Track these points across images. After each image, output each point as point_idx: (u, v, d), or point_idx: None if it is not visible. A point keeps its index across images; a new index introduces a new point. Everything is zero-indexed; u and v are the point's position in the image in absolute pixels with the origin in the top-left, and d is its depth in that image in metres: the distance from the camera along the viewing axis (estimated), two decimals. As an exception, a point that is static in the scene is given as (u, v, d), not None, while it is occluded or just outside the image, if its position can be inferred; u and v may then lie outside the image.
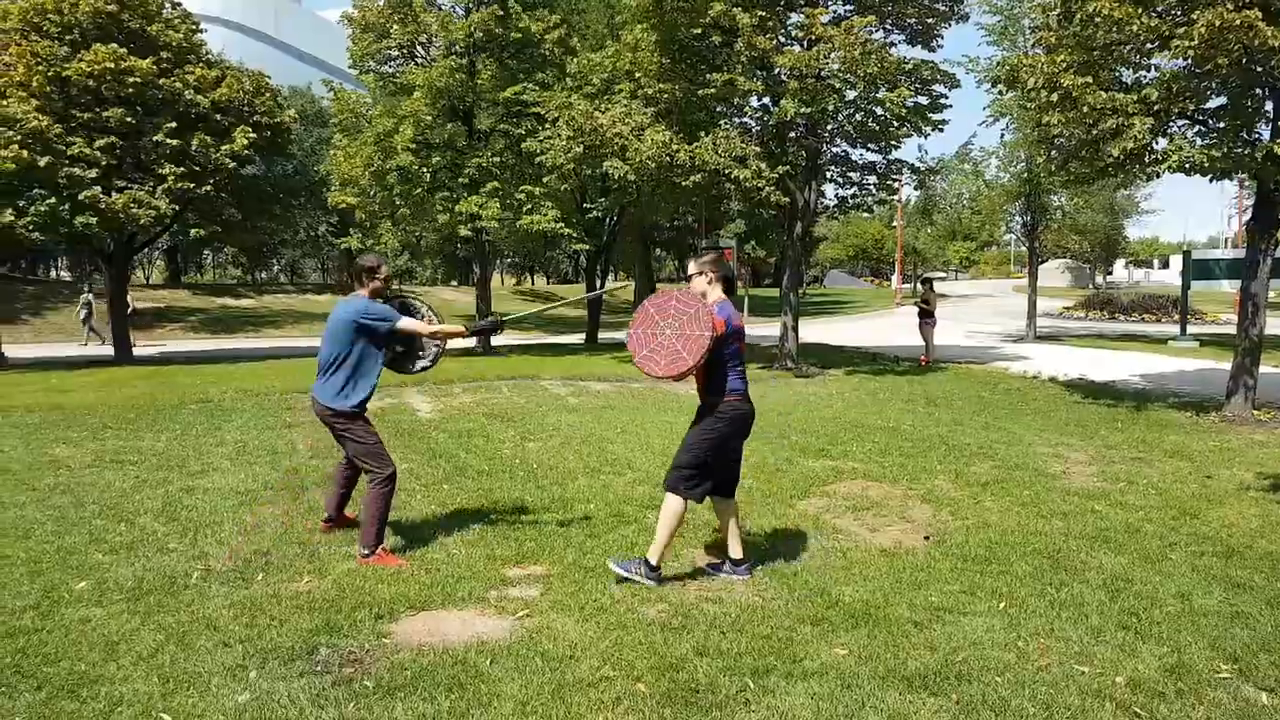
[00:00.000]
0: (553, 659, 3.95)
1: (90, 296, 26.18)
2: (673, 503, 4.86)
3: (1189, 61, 9.89)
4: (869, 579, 4.99)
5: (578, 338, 26.74)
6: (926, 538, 5.80)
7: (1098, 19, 9.74)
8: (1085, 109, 10.16)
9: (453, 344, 6.08)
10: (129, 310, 25.42)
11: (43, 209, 17.58)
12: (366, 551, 5.31)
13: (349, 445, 5.61)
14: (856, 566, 5.20)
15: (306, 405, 11.92)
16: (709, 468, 4.94)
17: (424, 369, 6.08)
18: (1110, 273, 69.99)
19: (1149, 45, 10.20)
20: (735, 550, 5.12)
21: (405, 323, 5.54)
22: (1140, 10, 9.52)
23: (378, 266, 5.62)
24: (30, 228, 17.92)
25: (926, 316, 17.67)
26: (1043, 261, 41.40)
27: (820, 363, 17.28)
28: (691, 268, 5.15)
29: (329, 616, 4.42)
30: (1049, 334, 25.89)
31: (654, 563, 4.89)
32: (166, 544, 5.69)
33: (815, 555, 5.45)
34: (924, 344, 17.67)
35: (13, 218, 17.59)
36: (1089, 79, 10.22)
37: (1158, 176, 11.16)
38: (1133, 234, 65.76)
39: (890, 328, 29.49)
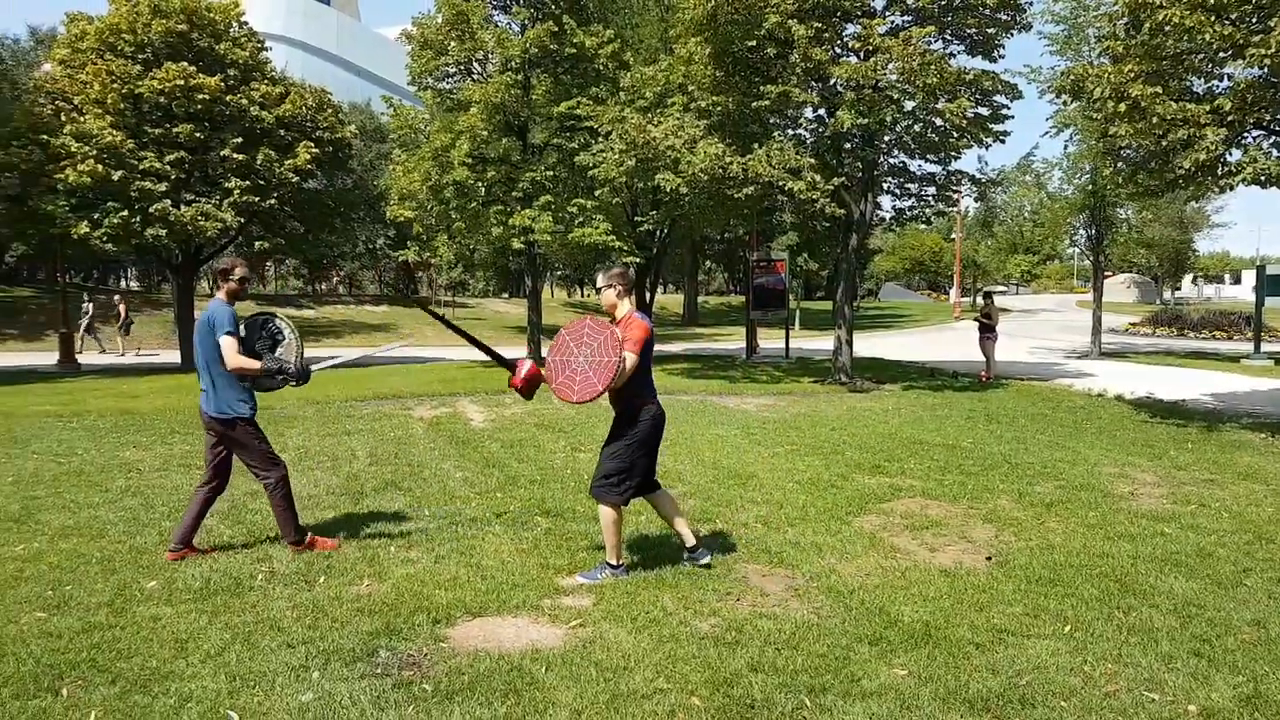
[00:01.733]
0: (607, 669, 3.94)
1: (90, 306, 27.18)
2: (608, 513, 5.14)
3: (1265, 71, 9.63)
4: (929, 599, 4.90)
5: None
6: (988, 558, 5.69)
7: (1168, 28, 9.52)
8: (1154, 119, 9.94)
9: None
10: (123, 319, 26.29)
11: (115, 221, 18.20)
12: (294, 540, 5.57)
13: (239, 453, 5.57)
14: (916, 586, 5.12)
15: (366, 414, 12.17)
16: (635, 471, 5.19)
17: (277, 386, 5.65)
18: (1179, 288, 68.35)
19: (1222, 54, 9.96)
20: (687, 539, 5.39)
21: (223, 341, 5.34)
22: (1213, 19, 9.30)
23: (230, 269, 5.54)
24: (104, 239, 18.54)
25: (987, 331, 17.39)
26: (1108, 276, 40.51)
27: (875, 377, 17.08)
28: (600, 280, 5.33)
29: (388, 619, 4.48)
30: (1114, 351, 25.30)
31: (615, 562, 5.20)
32: (232, 546, 5.82)
33: (872, 574, 5.37)
34: (984, 359, 17.38)
35: (87, 229, 18.22)
36: (1158, 89, 10.00)
37: (1230, 189, 10.88)
38: (1203, 248, 64.37)
39: (948, 342, 29.08)
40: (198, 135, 18.80)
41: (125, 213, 18.24)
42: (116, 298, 27.64)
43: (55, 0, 29.15)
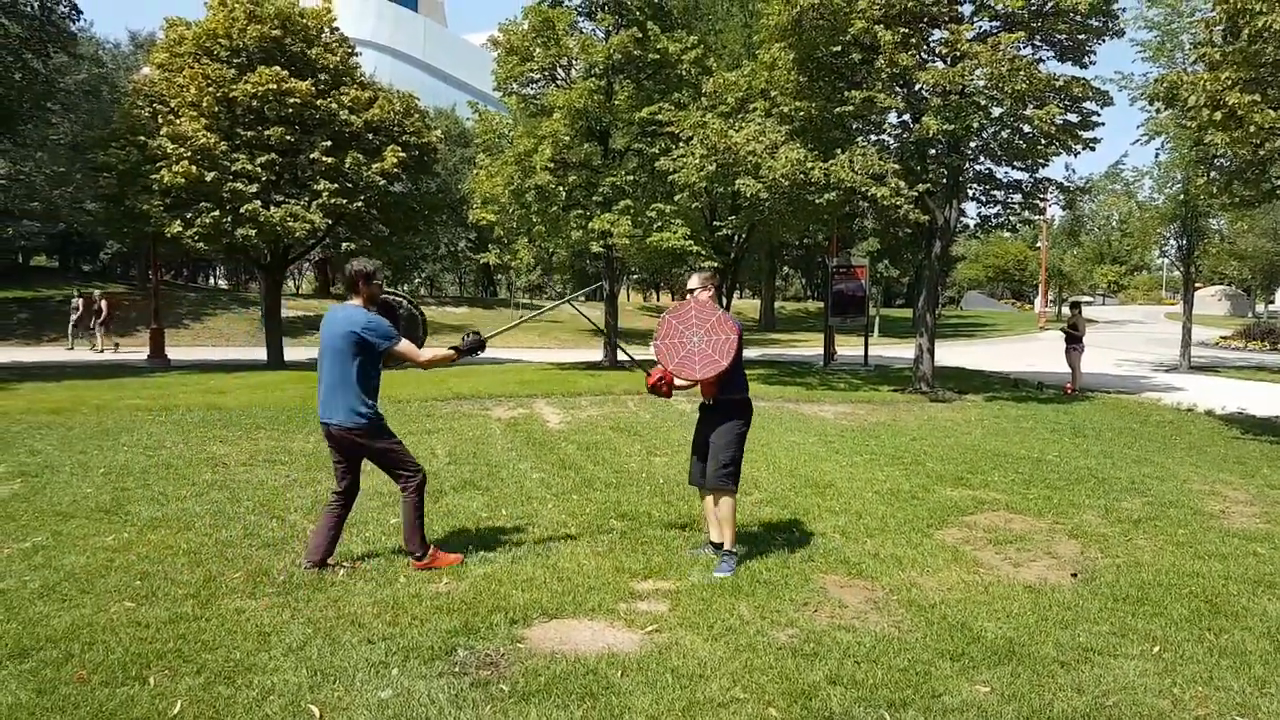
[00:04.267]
0: (683, 676, 3.94)
1: (79, 301, 27.34)
2: (729, 502, 5.50)
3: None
4: (1012, 615, 4.79)
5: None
6: (1074, 575, 5.53)
7: (1267, 34, 9.18)
8: (1252, 128, 9.59)
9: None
10: (98, 312, 25.91)
11: (207, 221, 18.83)
12: (419, 554, 5.38)
13: (378, 459, 5.40)
14: (999, 601, 5.00)
15: (445, 413, 12.38)
16: (741, 458, 5.58)
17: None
18: (1272, 301, 65.55)
19: (1326, 61, 9.56)
20: (719, 535, 5.60)
21: (402, 346, 5.29)
22: (1318, 23, 8.93)
23: (373, 272, 5.31)
24: (196, 238, 19.20)
25: (1074, 342, 16.92)
26: (1198, 288, 39.09)
27: (958, 387, 16.74)
28: (694, 281, 5.68)
29: (466, 618, 4.54)
30: (1204, 365, 24.38)
31: (735, 550, 5.52)
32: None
33: (954, 588, 5.26)
34: (1070, 371, 16.91)
35: (180, 228, 18.89)
36: (1256, 96, 9.64)
37: (1333, 200, 10.42)
38: (1298, 260, 61.47)
39: (1033, 353, 28.36)
40: (288, 138, 19.36)
41: (217, 213, 18.86)
42: (97, 293, 27.59)
43: (155, 5, 30.36)
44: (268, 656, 4.10)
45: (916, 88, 15.07)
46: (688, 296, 5.66)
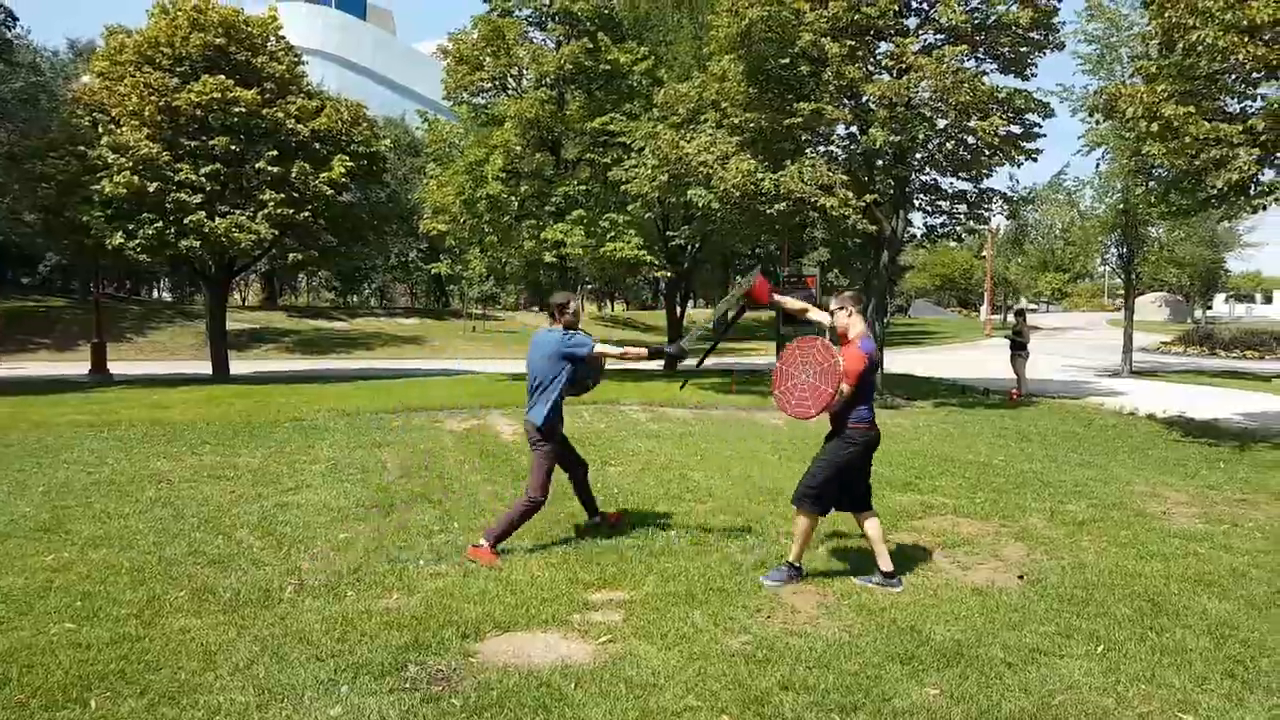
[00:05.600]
0: (636, 686, 3.94)
1: None
2: (802, 519, 5.43)
3: (1299, 90, 9.55)
4: (960, 618, 4.86)
5: (657, 364, 26.81)
6: (1021, 577, 5.63)
7: (1200, 48, 9.47)
8: (1187, 139, 9.87)
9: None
10: None
11: (150, 232, 18.44)
12: (483, 542, 5.85)
13: (533, 458, 6.10)
14: (947, 604, 5.08)
15: (396, 426, 12.24)
16: (833, 485, 5.41)
17: (591, 387, 6.44)
18: (1210, 307, 67.43)
19: (1255, 75, 9.88)
20: (884, 563, 5.44)
21: (599, 348, 6.05)
22: (1246, 39, 9.22)
23: (566, 304, 6.15)
24: (138, 250, 18.80)
25: (1018, 349, 17.25)
26: (1139, 295, 40.09)
27: (906, 394, 16.97)
28: (834, 304, 5.57)
29: (417, 634, 4.50)
30: (1146, 369, 24.98)
31: (796, 562, 5.49)
32: (261, 558, 5.87)
33: (904, 592, 5.33)
34: (1015, 377, 17.23)
35: (122, 240, 18.48)
36: (1191, 109, 9.93)
37: (1263, 209, 10.76)
38: (1234, 267, 63.35)
39: (979, 360, 28.83)
40: (233, 148, 19.06)
41: (160, 224, 18.47)
42: None
43: (94, 13, 29.71)
44: (214, 676, 4.03)
45: (864, 100, 15.28)
46: (832, 316, 5.58)
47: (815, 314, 5.90)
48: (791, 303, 6.14)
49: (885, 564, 5.41)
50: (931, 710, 3.74)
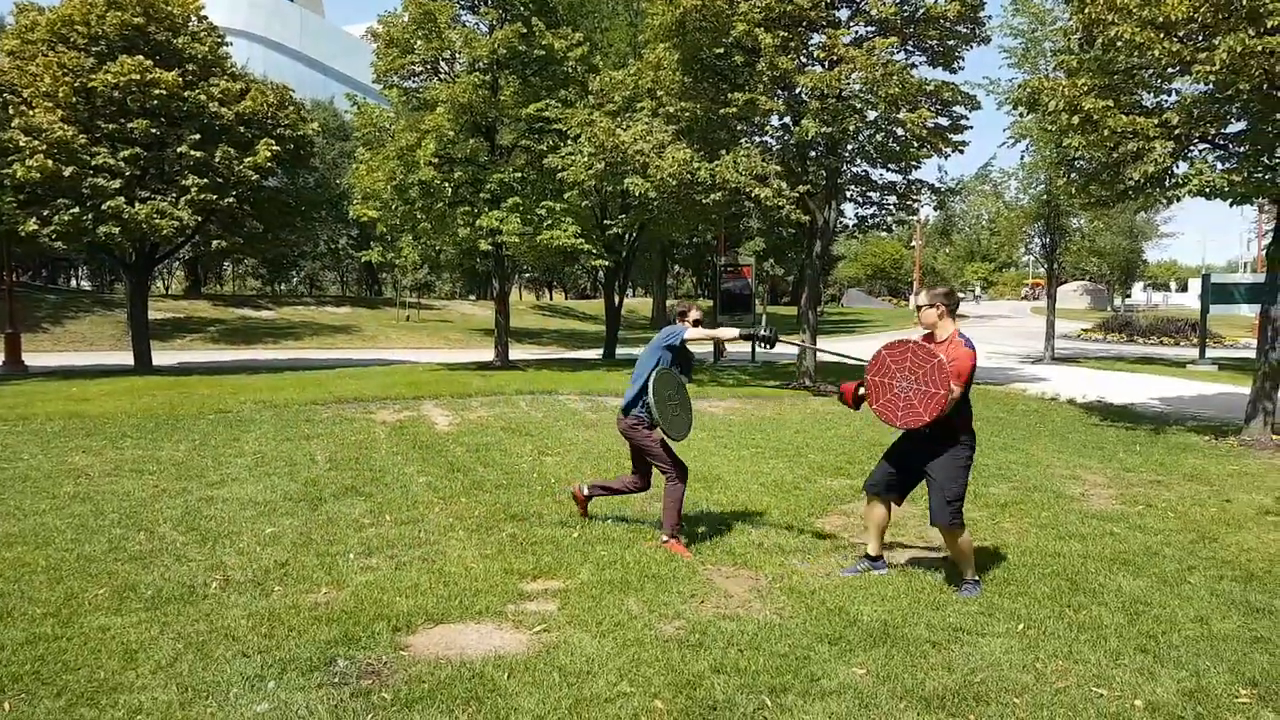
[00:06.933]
0: (570, 674, 3.95)
1: None
2: (958, 537, 5.15)
3: (1210, 86, 9.89)
4: (887, 598, 4.97)
5: (595, 353, 26.80)
6: (945, 558, 5.77)
7: (1119, 43, 9.75)
8: (1106, 132, 10.16)
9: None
10: None
11: (66, 218, 17.77)
12: (666, 536, 5.93)
13: (645, 449, 6.15)
14: (874, 586, 5.18)
15: (326, 417, 12.05)
16: (888, 470, 5.40)
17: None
18: (1129, 295, 69.69)
19: (1170, 70, 10.20)
20: (874, 548, 5.51)
21: (690, 332, 6.11)
22: (1162, 35, 9.52)
23: (687, 310, 6.36)
24: (53, 236, 18.14)
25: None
26: (1061, 283, 41.23)
27: (839, 381, 17.22)
28: (923, 299, 5.40)
29: (347, 628, 4.44)
30: (1067, 356, 25.75)
31: (975, 577, 5.21)
32: (185, 553, 5.73)
33: (833, 574, 5.43)
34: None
35: (36, 226, 17.80)
36: (1110, 102, 10.22)
37: (1178, 200, 11.13)
38: (1152, 257, 65.68)
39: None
40: (154, 131, 18.45)
41: (76, 209, 17.82)
42: None
43: (6, -9, 28.52)
44: (135, 675, 3.92)
45: (796, 91, 15.45)
46: (918, 312, 5.44)
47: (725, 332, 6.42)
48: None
49: (875, 549, 5.52)
50: (859, 689, 3.82)
